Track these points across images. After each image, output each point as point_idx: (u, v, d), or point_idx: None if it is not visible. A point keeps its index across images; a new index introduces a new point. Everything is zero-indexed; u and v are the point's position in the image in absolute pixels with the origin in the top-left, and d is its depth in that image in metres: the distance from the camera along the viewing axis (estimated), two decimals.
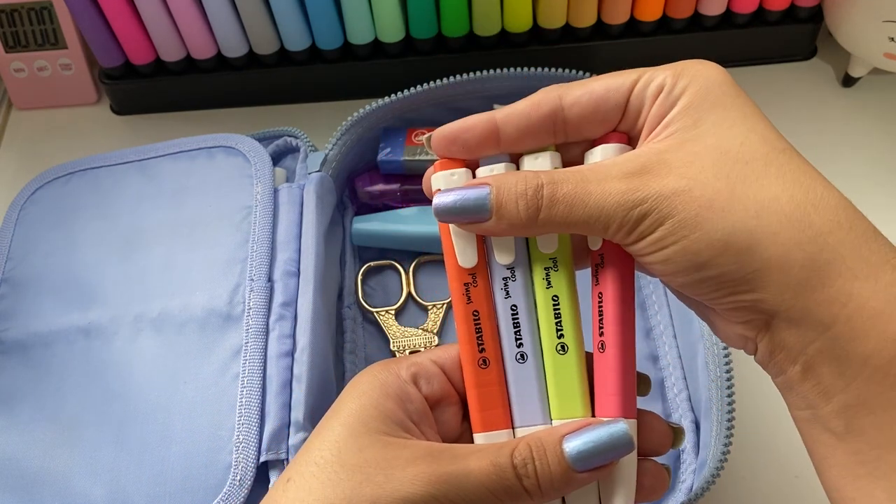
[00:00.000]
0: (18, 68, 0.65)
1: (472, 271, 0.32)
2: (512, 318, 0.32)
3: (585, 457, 0.29)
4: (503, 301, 0.32)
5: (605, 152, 0.30)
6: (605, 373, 0.31)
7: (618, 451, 0.29)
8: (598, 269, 0.31)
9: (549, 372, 0.32)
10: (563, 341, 0.32)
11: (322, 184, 0.51)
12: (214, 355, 0.45)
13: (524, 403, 0.32)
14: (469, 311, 0.32)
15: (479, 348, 0.32)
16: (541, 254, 0.32)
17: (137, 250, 0.50)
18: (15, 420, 0.46)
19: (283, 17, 0.59)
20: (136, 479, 0.43)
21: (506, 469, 0.29)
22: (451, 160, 0.32)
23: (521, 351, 0.32)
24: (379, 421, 0.30)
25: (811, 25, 0.63)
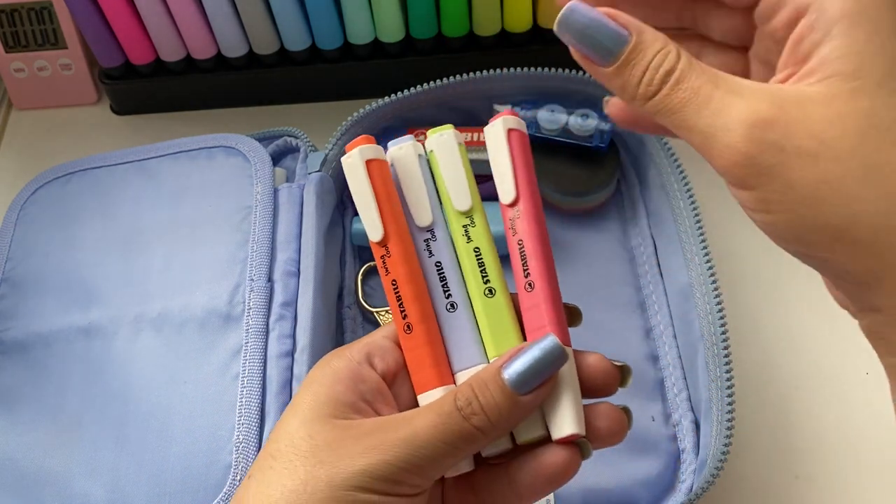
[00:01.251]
0: (18, 68, 0.65)
1: (384, 243, 0.34)
2: (438, 273, 0.34)
3: (525, 378, 0.29)
4: (427, 260, 0.35)
5: None
6: (536, 309, 0.32)
7: (553, 363, 0.30)
8: (514, 221, 0.34)
9: (481, 315, 0.34)
10: (490, 285, 0.34)
11: (322, 184, 0.51)
12: (214, 355, 0.45)
13: (461, 349, 0.34)
14: (388, 282, 0.34)
15: (402, 315, 0.34)
16: (457, 212, 0.35)
17: (137, 250, 0.50)
18: (15, 420, 0.46)
19: (283, 17, 0.59)
20: (136, 478, 0.43)
21: (451, 414, 0.29)
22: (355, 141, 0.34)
23: (450, 301, 0.34)
24: (330, 406, 0.30)
25: None
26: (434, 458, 0.29)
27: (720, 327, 0.44)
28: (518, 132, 0.34)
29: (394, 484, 0.28)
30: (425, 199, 0.35)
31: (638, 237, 0.53)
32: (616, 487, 0.45)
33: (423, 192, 0.35)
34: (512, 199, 0.34)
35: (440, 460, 0.29)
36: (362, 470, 0.28)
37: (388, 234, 0.34)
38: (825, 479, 0.47)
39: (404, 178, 0.35)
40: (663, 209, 0.51)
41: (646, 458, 0.46)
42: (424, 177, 0.35)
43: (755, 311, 0.53)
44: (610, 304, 0.51)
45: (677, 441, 0.46)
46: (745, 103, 0.23)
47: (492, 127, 0.35)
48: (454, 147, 0.35)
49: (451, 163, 0.35)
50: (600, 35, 0.26)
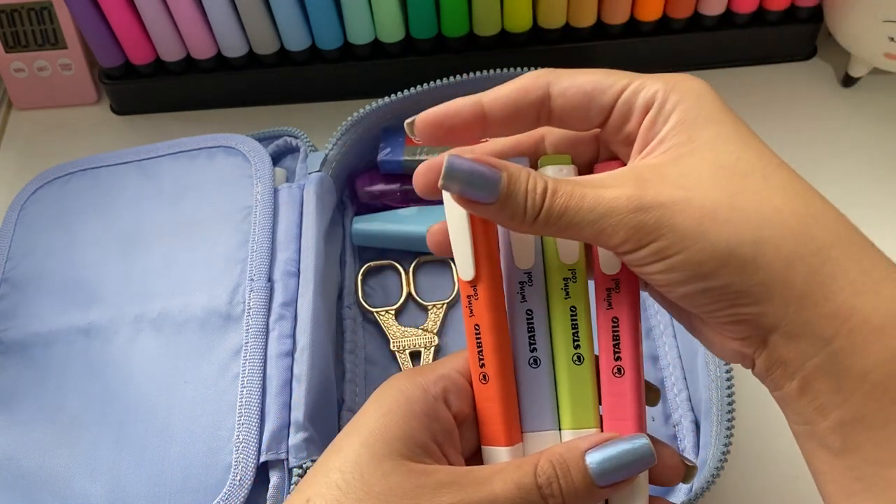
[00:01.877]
0: (18, 68, 0.65)
1: (473, 283, 0.31)
2: (527, 322, 0.32)
3: (609, 471, 0.29)
4: (518, 305, 0.32)
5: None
6: (621, 398, 0.31)
7: (640, 465, 0.30)
8: (610, 294, 0.32)
9: (564, 381, 0.32)
10: (580, 352, 0.32)
11: (322, 184, 0.51)
12: (214, 355, 0.45)
13: (535, 409, 0.32)
14: (471, 325, 0.32)
15: (480, 363, 0.32)
16: (561, 263, 0.32)
17: (137, 250, 0.50)
18: (15, 420, 0.46)
19: (283, 17, 0.59)
20: (136, 478, 0.43)
21: (531, 490, 0.29)
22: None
23: (534, 356, 0.32)
24: (402, 443, 0.29)
25: (811, 25, 0.63)
26: None
27: None
28: None
29: None
30: (532, 238, 0.32)
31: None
32: None
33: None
34: (616, 271, 0.31)
35: None
36: None
37: (479, 275, 0.31)
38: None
39: None
40: None
41: None
42: None
43: None
44: None
45: (677, 441, 0.46)
46: (614, 189, 0.27)
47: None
48: None
49: None
50: (481, 179, 0.28)
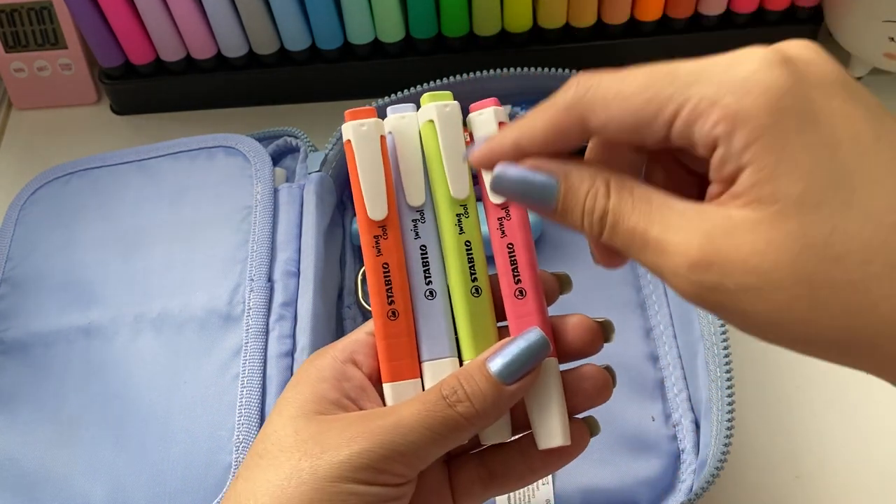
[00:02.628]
0: (18, 68, 0.65)
1: (382, 224, 0.32)
2: (421, 257, 0.33)
3: (511, 368, 0.30)
4: (412, 241, 0.33)
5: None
6: (526, 317, 0.32)
7: (538, 354, 0.30)
8: (502, 222, 0.32)
9: (463, 313, 0.32)
10: (477, 284, 0.33)
11: (322, 184, 0.51)
12: (214, 355, 0.45)
13: (432, 338, 0.33)
14: (379, 264, 0.32)
15: (389, 300, 0.32)
16: (452, 199, 0.32)
17: (137, 250, 0.50)
18: (15, 420, 0.46)
19: (283, 16, 0.59)
20: (136, 478, 0.43)
21: (436, 402, 0.29)
22: (362, 111, 0.32)
23: (429, 288, 0.33)
24: (315, 403, 0.30)
25: (811, 26, 0.63)
26: (419, 446, 0.29)
27: (720, 327, 0.44)
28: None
29: (378, 473, 0.28)
30: (421, 178, 0.33)
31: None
32: (616, 487, 0.45)
33: (419, 170, 0.33)
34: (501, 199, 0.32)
35: (425, 448, 0.29)
36: (346, 460, 0.28)
37: (391, 214, 0.32)
38: (825, 479, 0.47)
39: (403, 152, 0.33)
40: None
41: (646, 457, 0.46)
42: (421, 151, 0.33)
43: None
44: (610, 304, 0.51)
45: (677, 441, 0.46)
46: (679, 246, 0.23)
47: (479, 116, 0.32)
48: (459, 124, 0.33)
49: (454, 141, 0.32)
50: (532, 189, 0.27)
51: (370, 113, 0.32)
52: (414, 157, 0.33)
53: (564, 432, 0.31)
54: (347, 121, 0.32)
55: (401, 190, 0.33)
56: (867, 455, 0.48)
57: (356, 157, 0.32)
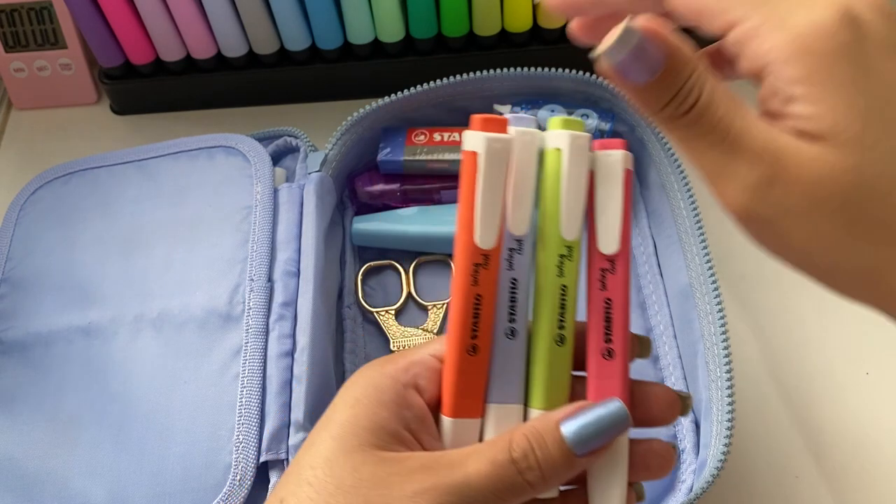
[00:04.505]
0: (18, 68, 0.65)
1: (486, 253, 0.29)
2: (510, 291, 0.30)
3: (585, 439, 0.29)
4: (504, 272, 0.30)
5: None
6: (610, 380, 0.30)
7: (617, 429, 0.29)
8: (605, 275, 0.30)
9: (543, 360, 0.30)
10: (563, 333, 0.30)
11: (322, 184, 0.51)
12: (214, 355, 0.45)
13: (504, 381, 0.30)
14: (472, 294, 0.29)
15: (472, 334, 0.30)
16: (560, 238, 0.30)
17: (137, 250, 0.50)
18: (15, 420, 0.46)
19: (283, 16, 0.59)
20: (136, 478, 0.43)
21: (506, 465, 0.28)
22: (494, 120, 0.29)
23: (512, 327, 0.30)
24: (371, 433, 0.29)
25: None
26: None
27: (720, 327, 0.44)
28: (631, 172, 0.30)
29: None
30: (530, 206, 0.30)
31: (638, 237, 0.53)
32: None
33: (530, 197, 0.30)
34: (614, 251, 0.30)
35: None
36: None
37: (498, 246, 0.29)
38: (825, 479, 0.47)
39: (517, 173, 0.29)
40: (663, 209, 0.51)
41: None
42: (535, 177, 0.30)
43: (755, 311, 0.53)
44: None
45: (677, 441, 0.46)
46: (750, 158, 0.24)
47: (607, 157, 0.30)
48: (587, 159, 0.30)
49: (578, 178, 0.30)
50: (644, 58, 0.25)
51: (502, 125, 0.29)
52: (528, 181, 0.30)
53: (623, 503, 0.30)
54: (475, 129, 0.29)
55: (505, 217, 0.30)
56: (867, 455, 0.48)
57: (481, 176, 0.29)
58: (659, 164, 0.51)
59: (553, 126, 0.30)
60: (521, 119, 0.30)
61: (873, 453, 0.48)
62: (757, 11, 0.24)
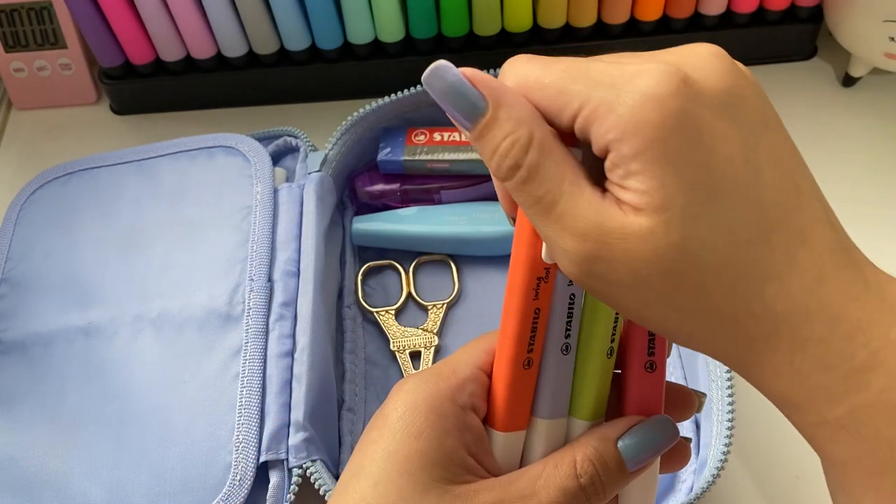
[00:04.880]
0: (18, 68, 0.65)
1: (549, 267, 0.29)
2: (568, 307, 0.30)
3: (641, 456, 0.29)
4: (564, 288, 0.30)
5: None
6: (652, 390, 0.31)
7: (667, 443, 0.30)
8: None
9: (594, 372, 0.31)
10: (613, 346, 0.31)
11: (322, 184, 0.51)
12: (214, 355, 0.45)
13: (557, 395, 0.31)
14: (531, 308, 0.30)
15: (529, 348, 0.30)
16: None
17: (137, 250, 0.50)
18: (15, 420, 0.46)
19: (283, 16, 0.59)
20: (136, 478, 0.43)
21: (576, 493, 0.28)
22: None
23: (567, 342, 0.31)
24: (442, 468, 0.28)
25: (811, 25, 0.63)
26: None
27: None
28: None
29: None
30: None
31: None
32: None
33: None
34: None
35: None
36: None
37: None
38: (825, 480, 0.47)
39: None
40: None
41: None
42: None
43: None
44: None
45: None
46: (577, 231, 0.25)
47: None
48: None
49: None
50: (460, 101, 0.26)
51: None
52: None
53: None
54: None
55: None
56: None
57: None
58: None
59: None
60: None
61: None
62: (595, 92, 0.24)
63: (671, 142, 0.23)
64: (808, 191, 0.25)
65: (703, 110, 0.24)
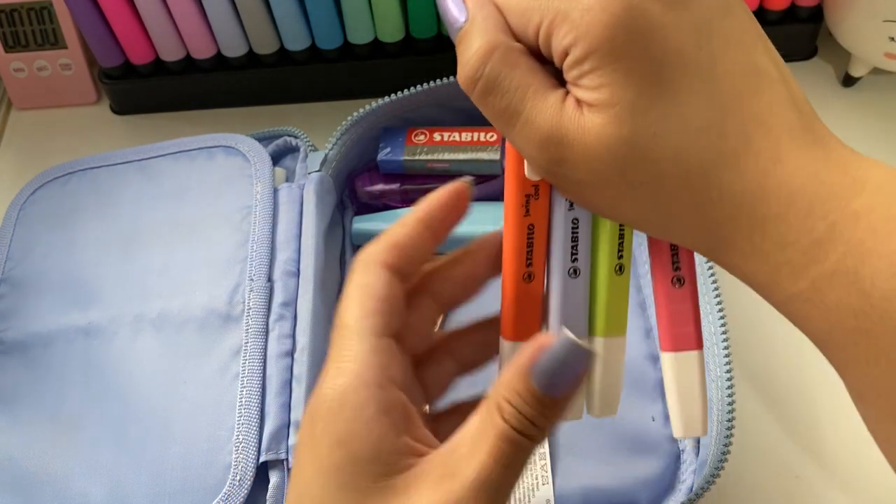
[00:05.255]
0: (18, 68, 0.65)
1: (536, 184, 0.31)
2: (571, 231, 0.31)
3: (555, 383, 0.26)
4: (565, 213, 0.31)
5: None
6: (681, 304, 0.31)
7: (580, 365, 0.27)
8: None
9: (603, 289, 0.31)
10: (622, 262, 0.32)
11: (322, 184, 0.51)
12: (214, 355, 0.45)
13: (570, 319, 0.31)
14: (524, 224, 0.31)
15: (527, 262, 0.31)
16: None
17: (137, 250, 0.50)
18: (15, 420, 0.46)
19: (283, 16, 0.59)
20: (136, 478, 0.43)
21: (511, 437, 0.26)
22: None
23: (574, 266, 0.31)
24: (376, 463, 0.26)
25: (811, 25, 0.63)
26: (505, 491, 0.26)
27: (720, 327, 0.44)
28: None
29: None
30: None
31: (638, 237, 0.53)
32: (616, 487, 0.45)
33: None
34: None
35: (509, 489, 0.26)
36: None
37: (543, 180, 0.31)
38: (825, 479, 0.47)
39: None
40: None
41: (646, 457, 0.46)
42: None
43: (755, 311, 0.53)
44: None
45: (677, 441, 0.46)
46: (538, 138, 0.26)
47: None
48: None
49: None
50: (445, 10, 0.27)
51: None
52: None
53: (704, 422, 0.31)
54: None
55: None
56: (867, 455, 0.48)
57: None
58: None
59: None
60: None
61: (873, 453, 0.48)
62: (552, 4, 0.25)
63: (618, 38, 0.24)
64: (770, 72, 0.25)
65: (651, 4, 0.24)
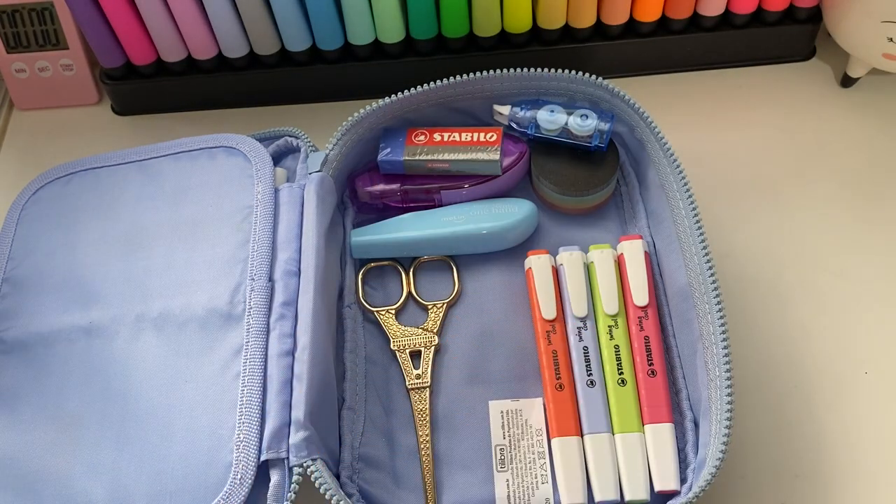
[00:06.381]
0: (20, 69, 0.65)
1: (552, 322, 0.48)
2: (584, 356, 0.47)
3: None
4: (577, 343, 0.47)
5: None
6: (655, 391, 0.46)
7: None
8: (641, 320, 0.47)
9: (613, 398, 0.46)
10: (623, 377, 0.46)
11: (323, 184, 0.52)
12: (215, 354, 0.46)
13: (592, 416, 0.45)
14: (550, 351, 0.47)
15: (556, 376, 0.46)
16: (606, 315, 0.48)
17: (138, 250, 0.50)
18: (16, 419, 0.46)
19: (284, 17, 0.59)
20: (137, 477, 0.43)
21: None
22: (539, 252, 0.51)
23: (590, 379, 0.46)
24: None
25: (810, 26, 0.63)
26: None
27: (720, 327, 0.44)
28: (647, 254, 0.49)
29: None
30: (584, 297, 0.48)
31: None
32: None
33: (583, 291, 0.48)
34: (644, 303, 0.48)
35: None
36: None
37: (558, 316, 0.48)
38: (825, 479, 0.47)
39: (570, 277, 0.49)
40: (662, 209, 0.51)
41: None
42: (585, 279, 0.49)
43: (755, 311, 0.53)
44: None
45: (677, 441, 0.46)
46: None
47: (631, 245, 0.49)
48: (611, 264, 0.49)
49: (608, 276, 0.49)
50: None
51: (544, 252, 0.50)
52: (579, 281, 0.49)
53: (677, 478, 0.44)
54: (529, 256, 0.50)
55: (569, 304, 0.48)
56: (867, 454, 0.48)
57: (535, 278, 0.49)
58: (658, 164, 0.51)
59: (590, 249, 0.50)
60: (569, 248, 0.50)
61: (873, 452, 0.48)
62: None
63: None
64: None
65: None
